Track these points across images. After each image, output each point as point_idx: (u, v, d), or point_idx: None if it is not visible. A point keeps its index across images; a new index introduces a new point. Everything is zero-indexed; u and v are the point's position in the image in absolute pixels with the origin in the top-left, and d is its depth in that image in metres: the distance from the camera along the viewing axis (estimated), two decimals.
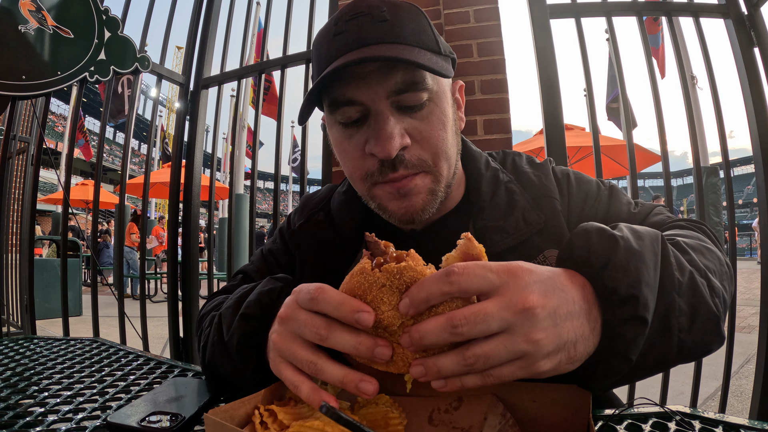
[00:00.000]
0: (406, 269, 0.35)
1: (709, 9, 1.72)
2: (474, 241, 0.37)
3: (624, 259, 0.39)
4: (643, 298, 0.38)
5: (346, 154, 0.60)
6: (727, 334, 1.56)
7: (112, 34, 2.01)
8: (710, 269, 0.46)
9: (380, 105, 0.55)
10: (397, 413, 0.44)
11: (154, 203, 19.19)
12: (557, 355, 0.36)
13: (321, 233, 0.71)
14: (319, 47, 0.60)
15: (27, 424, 0.50)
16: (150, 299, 6.58)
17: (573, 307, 0.37)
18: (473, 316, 0.33)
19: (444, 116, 0.58)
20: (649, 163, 5.57)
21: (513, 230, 0.61)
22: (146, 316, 2.20)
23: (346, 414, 0.34)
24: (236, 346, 0.49)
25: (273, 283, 0.53)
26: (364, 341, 0.37)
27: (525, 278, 0.35)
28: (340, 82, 0.55)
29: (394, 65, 0.54)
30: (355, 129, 0.58)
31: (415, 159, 0.57)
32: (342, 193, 0.74)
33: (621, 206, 0.66)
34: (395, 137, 0.54)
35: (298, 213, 0.78)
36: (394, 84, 0.54)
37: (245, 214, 7.15)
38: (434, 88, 0.57)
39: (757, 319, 1.64)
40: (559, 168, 0.72)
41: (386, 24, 0.54)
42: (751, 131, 1.63)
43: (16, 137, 3.37)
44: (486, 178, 0.67)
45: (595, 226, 0.42)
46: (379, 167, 0.57)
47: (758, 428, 0.46)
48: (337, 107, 0.57)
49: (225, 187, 7.84)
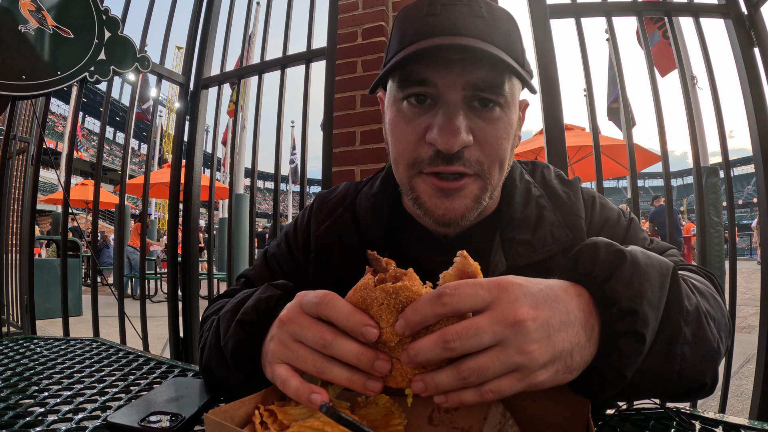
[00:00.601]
0: (402, 289, 0.36)
1: (709, 9, 1.72)
2: (469, 259, 0.38)
3: (628, 273, 0.39)
4: (643, 314, 0.38)
5: (400, 136, 0.58)
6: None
7: (112, 34, 2.01)
8: (712, 317, 0.45)
9: (454, 95, 0.54)
10: (397, 413, 0.44)
11: (154, 203, 19.18)
12: (553, 365, 0.36)
13: (348, 236, 0.68)
14: (404, 23, 0.58)
15: (27, 424, 0.50)
16: (150, 299, 6.58)
17: (567, 317, 0.37)
18: (465, 331, 0.34)
19: (510, 127, 0.57)
20: (649, 163, 5.57)
21: (540, 245, 0.61)
22: (146, 316, 2.20)
23: (345, 414, 0.34)
24: (231, 351, 0.49)
25: (271, 290, 0.53)
26: (366, 352, 0.37)
27: (515, 292, 0.36)
28: (418, 61, 0.54)
29: (481, 63, 0.52)
30: (417, 112, 0.56)
31: (474, 159, 0.55)
32: (372, 196, 0.70)
33: (637, 240, 0.65)
34: (462, 132, 0.52)
35: (315, 215, 0.74)
36: (476, 78, 0.53)
37: (245, 214, 7.15)
38: (508, 97, 0.56)
39: (757, 319, 1.64)
40: (587, 189, 0.71)
41: (483, 20, 0.54)
42: (751, 131, 1.63)
43: (16, 137, 3.37)
44: (519, 190, 0.66)
45: (604, 240, 0.42)
46: (432, 155, 0.55)
47: (758, 428, 0.46)
48: (408, 85, 0.55)
49: (225, 187, 7.84)
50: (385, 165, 0.75)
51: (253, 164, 2.19)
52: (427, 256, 0.66)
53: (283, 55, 2.11)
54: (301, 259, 0.73)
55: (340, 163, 1.80)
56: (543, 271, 0.59)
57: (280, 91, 2.11)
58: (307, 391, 0.38)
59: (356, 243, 0.67)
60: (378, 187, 0.71)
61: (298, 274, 0.72)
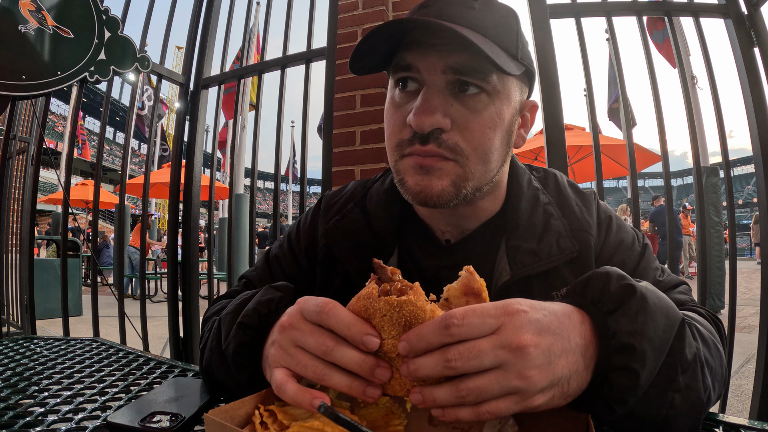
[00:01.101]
0: (406, 303, 0.36)
1: (709, 9, 1.72)
2: (475, 274, 0.38)
3: (634, 309, 0.39)
4: (641, 351, 0.38)
5: (389, 121, 0.59)
6: (728, 334, 1.56)
7: (112, 34, 2.01)
8: (710, 366, 0.45)
9: (434, 78, 0.54)
10: (397, 413, 0.44)
11: (154, 203, 19.18)
12: (551, 390, 0.37)
13: (359, 232, 0.67)
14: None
15: (27, 424, 0.50)
16: (150, 299, 6.58)
17: (568, 344, 0.38)
18: (467, 352, 0.34)
19: (498, 118, 0.56)
20: (649, 163, 5.57)
21: (545, 255, 0.59)
22: (146, 316, 2.20)
23: (344, 414, 0.34)
24: (232, 354, 0.49)
25: (272, 292, 0.53)
26: (367, 360, 0.38)
27: (521, 318, 0.36)
28: (406, 48, 0.55)
29: (464, 47, 0.52)
30: (404, 97, 0.57)
31: (451, 143, 0.54)
32: (383, 192, 0.70)
33: (648, 271, 0.64)
34: (435, 112, 0.52)
35: (322, 214, 0.73)
36: (454, 61, 0.53)
37: (245, 214, 7.15)
38: (498, 88, 0.55)
39: (757, 319, 1.64)
40: (603, 207, 0.69)
41: (472, 11, 0.54)
42: (751, 131, 1.63)
43: (16, 137, 3.37)
44: (526, 197, 0.65)
45: (617, 272, 0.43)
46: (411, 136, 0.55)
47: (758, 428, 0.46)
48: (397, 71, 0.57)
49: (225, 187, 7.84)
50: None
51: (253, 164, 2.19)
52: (427, 257, 0.66)
53: (283, 55, 2.11)
54: (304, 261, 0.72)
55: (340, 163, 1.80)
56: (546, 281, 0.59)
57: (280, 91, 2.11)
58: (308, 397, 0.38)
59: (365, 238, 0.66)
60: (389, 183, 0.70)
61: (300, 276, 0.72)
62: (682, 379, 0.40)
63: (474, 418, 0.35)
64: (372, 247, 0.65)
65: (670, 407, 0.40)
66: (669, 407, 0.40)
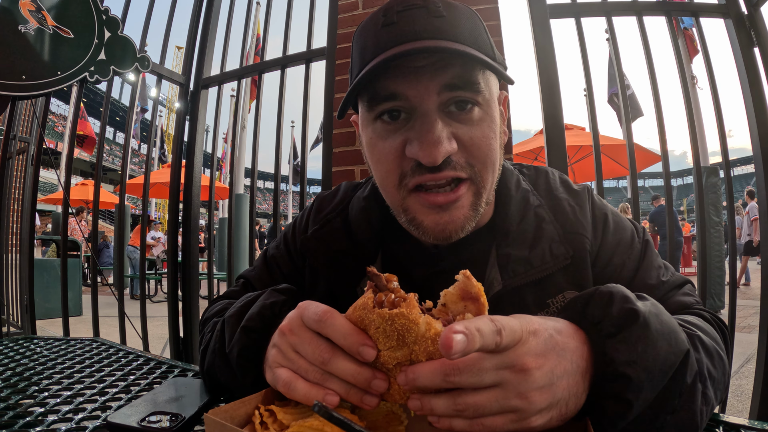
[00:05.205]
0: (399, 316, 0.36)
1: (709, 9, 1.72)
2: (473, 279, 0.38)
3: (635, 336, 0.38)
4: (636, 381, 0.37)
5: (379, 157, 0.54)
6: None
7: (112, 34, 2.01)
8: (713, 378, 0.44)
9: (428, 104, 0.50)
10: (397, 413, 0.44)
11: (154, 203, 19.18)
12: (549, 411, 0.36)
13: (335, 241, 0.65)
14: (363, 38, 0.55)
15: (27, 424, 0.50)
16: (150, 299, 6.58)
17: (570, 366, 0.37)
18: (467, 368, 0.34)
19: (494, 124, 0.54)
20: (649, 163, 5.57)
21: (538, 263, 0.57)
22: (146, 316, 2.20)
23: (339, 413, 0.34)
24: (237, 358, 0.50)
25: (275, 295, 0.53)
26: (363, 372, 0.38)
27: (527, 343, 0.35)
28: (385, 75, 0.50)
29: (450, 62, 0.49)
30: (392, 129, 0.53)
31: (463, 162, 0.52)
32: (363, 199, 0.68)
33: (651, 270, 0.61)
34: (443, 141, 0.49)
35: (312, 217, 0.72)
36: (449, 78, 0.49)
37: (245, 214, 7.15)
38: (486, 94, 0.53)
39: (757, 319, 1.64)
40: (598, 204, 0.65)
41: (443, 20, 0.51)
42: (751, 131, 1.63)
43: (16, 137, 3.37)
44: (515, 201, 0.62)
45: (620, 292, 0.41)
46: (414, 166, 0.51)
47: (758, 428, 0.46)
48: (377, 103, 0.52)
49: (225, 187, 7.84)
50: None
51: (253, 164, 2.19)
52: (415, 264, 0.64)
53: (283, 55, 2.11)
54: (299, 261, 0.72)
55: (340, 163, 1.80)
56: (540, 289, 0.58)
57: (280, 91, 2.11)
58: (321, 393, 0.38)
59: (344, 248, 0.64)
60: (370, 191, 0.68)
61: (297, 275, 0.72)
62: (677, 402, 0.40)
63: (468, 430, 0.35)
64: (351, 255, 0.64)
65: (662, 428, 0.40)
66: (660, 428, 0.40)
